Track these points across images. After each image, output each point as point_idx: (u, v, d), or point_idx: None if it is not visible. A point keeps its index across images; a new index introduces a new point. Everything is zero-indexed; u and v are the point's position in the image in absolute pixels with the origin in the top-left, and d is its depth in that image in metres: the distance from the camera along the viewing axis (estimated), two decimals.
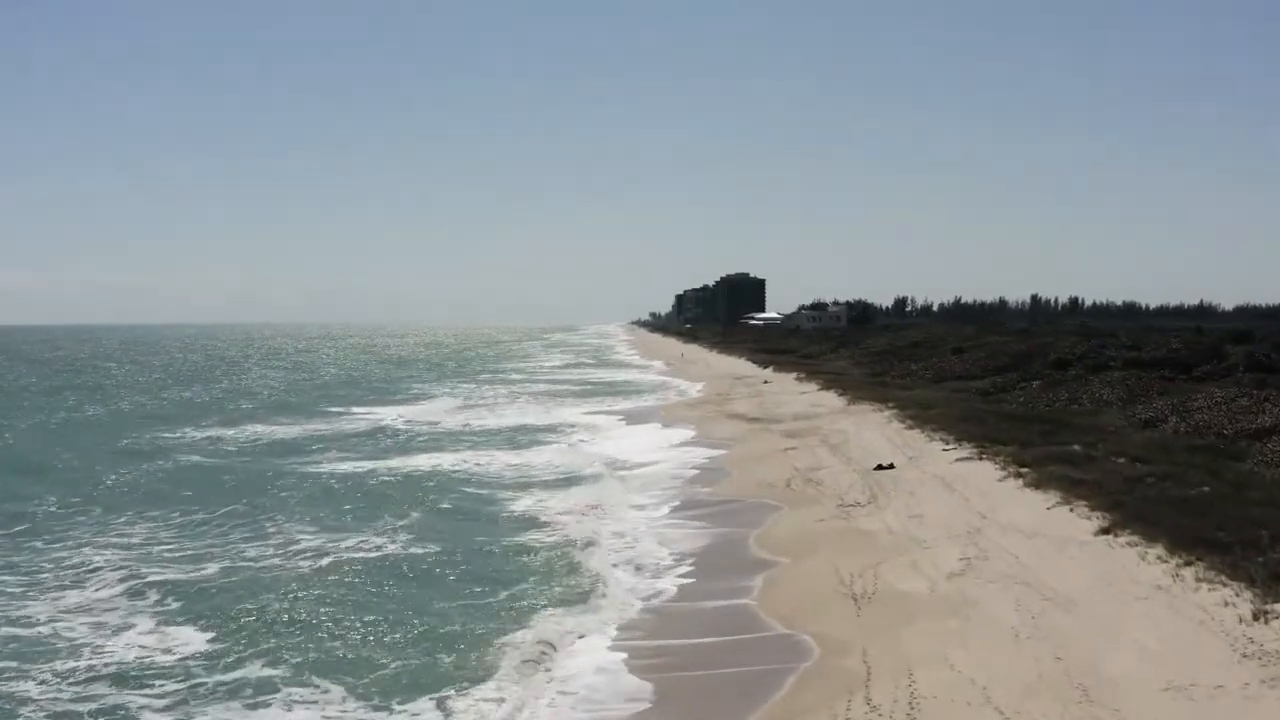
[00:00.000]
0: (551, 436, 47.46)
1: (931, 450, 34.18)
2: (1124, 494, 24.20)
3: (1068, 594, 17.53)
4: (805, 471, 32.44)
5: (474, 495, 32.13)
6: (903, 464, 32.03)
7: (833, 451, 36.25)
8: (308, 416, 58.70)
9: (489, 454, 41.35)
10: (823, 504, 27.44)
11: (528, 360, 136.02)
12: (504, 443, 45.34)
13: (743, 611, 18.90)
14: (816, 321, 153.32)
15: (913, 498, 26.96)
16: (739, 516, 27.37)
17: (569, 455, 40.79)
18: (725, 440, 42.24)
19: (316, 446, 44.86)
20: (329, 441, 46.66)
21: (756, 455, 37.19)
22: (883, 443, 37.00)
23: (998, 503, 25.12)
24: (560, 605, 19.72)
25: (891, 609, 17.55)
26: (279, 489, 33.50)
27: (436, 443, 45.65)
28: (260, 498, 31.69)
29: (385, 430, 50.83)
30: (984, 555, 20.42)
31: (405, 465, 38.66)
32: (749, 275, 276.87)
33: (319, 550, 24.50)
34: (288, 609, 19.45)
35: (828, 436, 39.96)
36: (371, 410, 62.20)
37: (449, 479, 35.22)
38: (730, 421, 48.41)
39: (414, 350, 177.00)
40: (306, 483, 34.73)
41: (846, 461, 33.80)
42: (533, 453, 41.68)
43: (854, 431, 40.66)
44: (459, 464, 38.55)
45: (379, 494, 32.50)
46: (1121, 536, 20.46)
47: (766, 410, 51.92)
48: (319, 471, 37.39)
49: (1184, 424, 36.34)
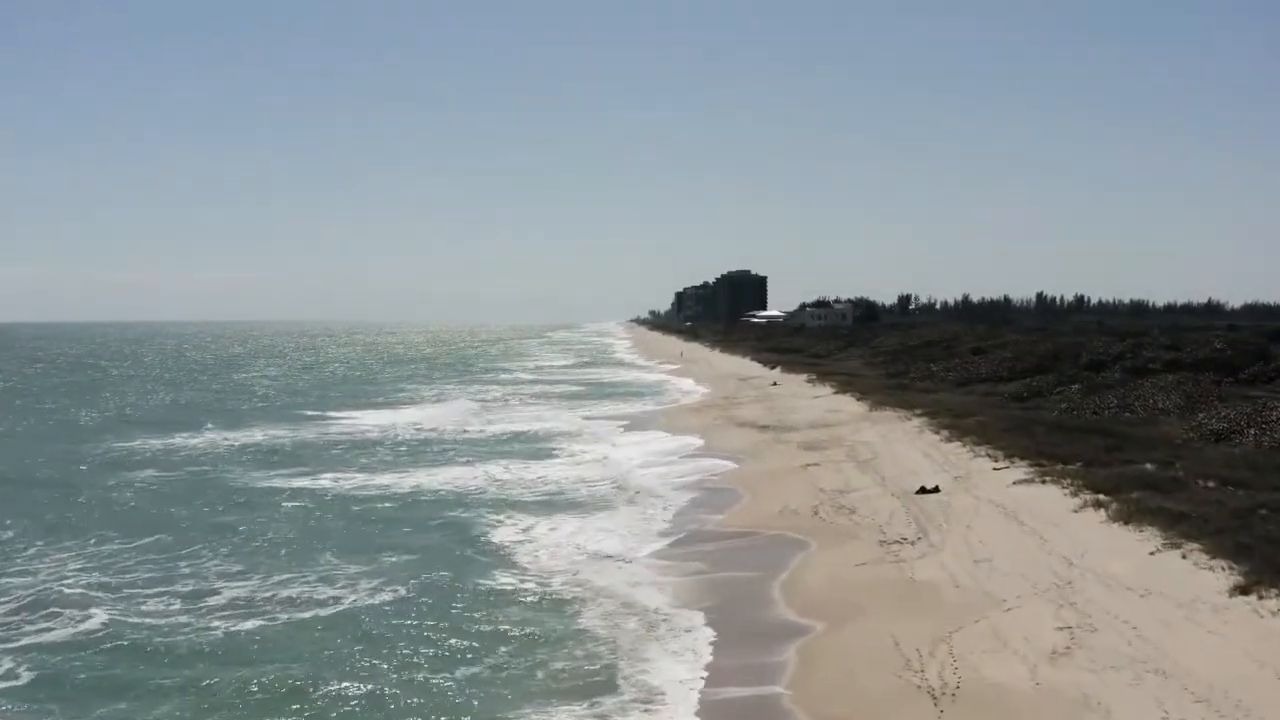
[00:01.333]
0: (549, 447, 42.70)
1: (979, 469, 29.47)
2: (1241, 532, 19.50)
3: (1225, 688, 12.85)
4: (833, 495, 27.72)
5: (453, 526, 27.32)
6: (949, 486, 27.31)
7: (861, 468, 31.53)
8: (291, 422, 53.92)
9: (479, 470, 36.58)
10: (861, 539, 22.74)
11: (526, 359, 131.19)
12: (496, 455, 40.60)
13: (774, 711, 14.17)
14: (822, 319, 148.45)
15: (971, 533, 22.26)
16: (757, 556, 22.67)
17: (565, 470, 36.08)
18: (735, 453, 37.54)
19: (287, 458, 40.14)
20: (303, 452, 41.95)
21: (772, 473, 32.47)
22: (919, 458, 32.30)
23: (1082, 542, 20.40)
24: (538, 699, 15.03)
25: (988, 716, 12.83)
26: (223, 513, 28.83)
27: (421, 455, 40.91)
28: (194, 526, 26.96)
29: (366, 440, 46.08)
30: (1089, 623, 15.70)
31: (380, 484, 33.95)
32: (750, 273, 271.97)
33: (244, 604, 19.78)
34: (170, 699, 14.76)
35: (853, 449, 35.24)
36: (358, 415, 57.44)
37: (428, 503, 30.44)
38: (739, 430, 43.70)
39: (409, 349, 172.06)
40: (259, 506, 30.04)
41: (880, 481, 29.08)
42: (525, 469, 36.92)
43: (882, 444, 35.95)
44: (443, 484, 33.71)
45: (341, 523, 27.80)
46: (1269, 599, 15.74)
47: (779, 417, 47.20)
48: (278, 489, 32.69)
49: (1266, 437, 31.61)
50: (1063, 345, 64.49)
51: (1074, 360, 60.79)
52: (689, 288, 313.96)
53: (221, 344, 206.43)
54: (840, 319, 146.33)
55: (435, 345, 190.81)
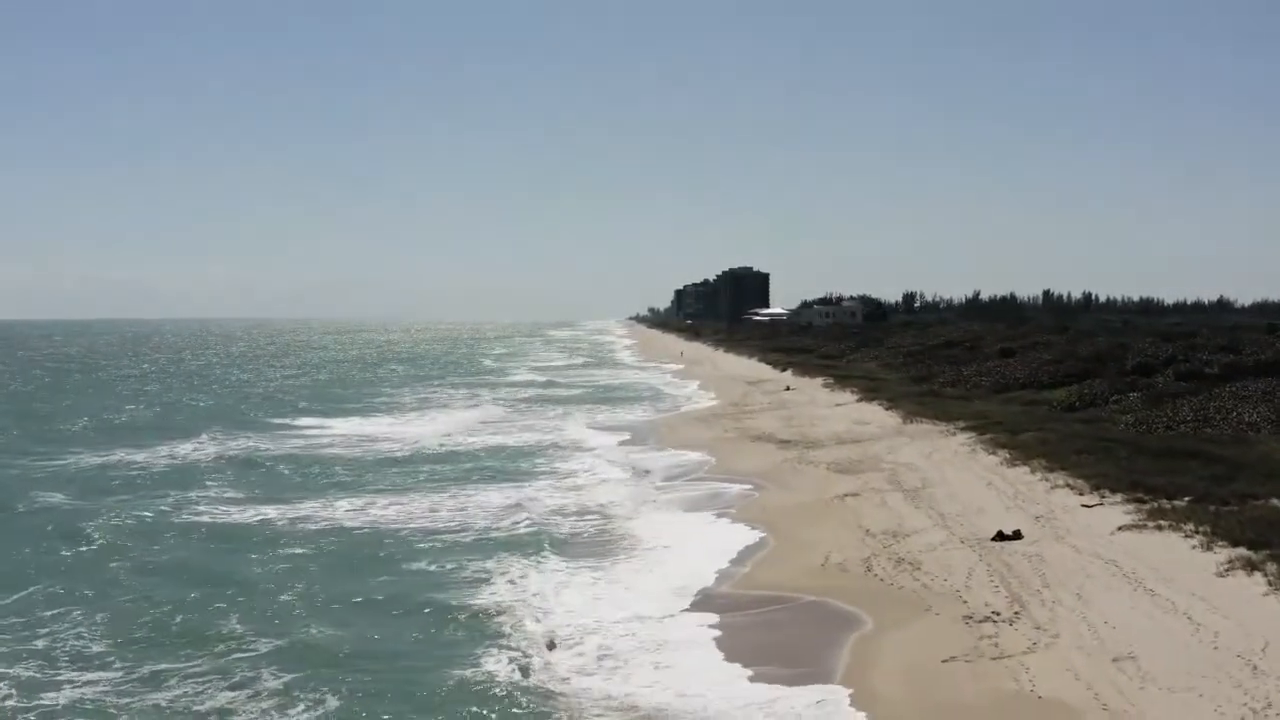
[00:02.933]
0: (532, 468, 37.00)
1: (1063, 504, 23.76)
2: None
3: None
4: (885, 539, 22.00)
5: (407, 582, 21.63)
6: (1032, 530, 21.61)
7: (912, 500, 25.81)
8: (255, 430, 48.26)
9: (444, 498, 30.92)
10: (937, 613, 17.02)
11: (523, 359, 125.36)
12: (472, 475, 34.92)
13: None
14: (829, 317, 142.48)
15: (1088, 606, 16.55)
16: (793, 636, 16.97)
17: (552, 498, 30.40)
18: (753, 476, 31.82)
19: (225, 478, 34.48)
20: (246, 470, 36.31)
21: (803, 506, 26.73)
22: (980, 488, 26.59)
23: (1254, 627, 14.71)
24: None
25: None
26: (113, 558, 23.20)
27: (383, 476, 35.18)
28: (61, 576, 21.30)
29: (325, 456, 40.30)
30: None
31: (320, 514, 28.24)
32: (752, 269, 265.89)
33: (92, 710, 14.10)
34: None
35: (896, 474, 29.51)
36: (329, 424, 51.69)
37: (374, 549, 24.70)
38: (755, 446, 37.96)
39: (407, 349, 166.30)
40: (159, 548, 24.40)
41: (940, 521, 23.35)
42: (503, 492, 31.24)
43: (929, 466, 30.24)
44: (398, 519, 27.99)
45: (263, 570, 22.15)
46: None
47: (799, 429, 41.47)
48: (194, 523, 27.02)
49: None
50: (1104, 347, 58.82)
51: (1118, 363, 55.16)
52: (689, 285, 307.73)
53: (222, 343, 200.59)
54: (849, 317, 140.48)
55: (430, 344, 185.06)
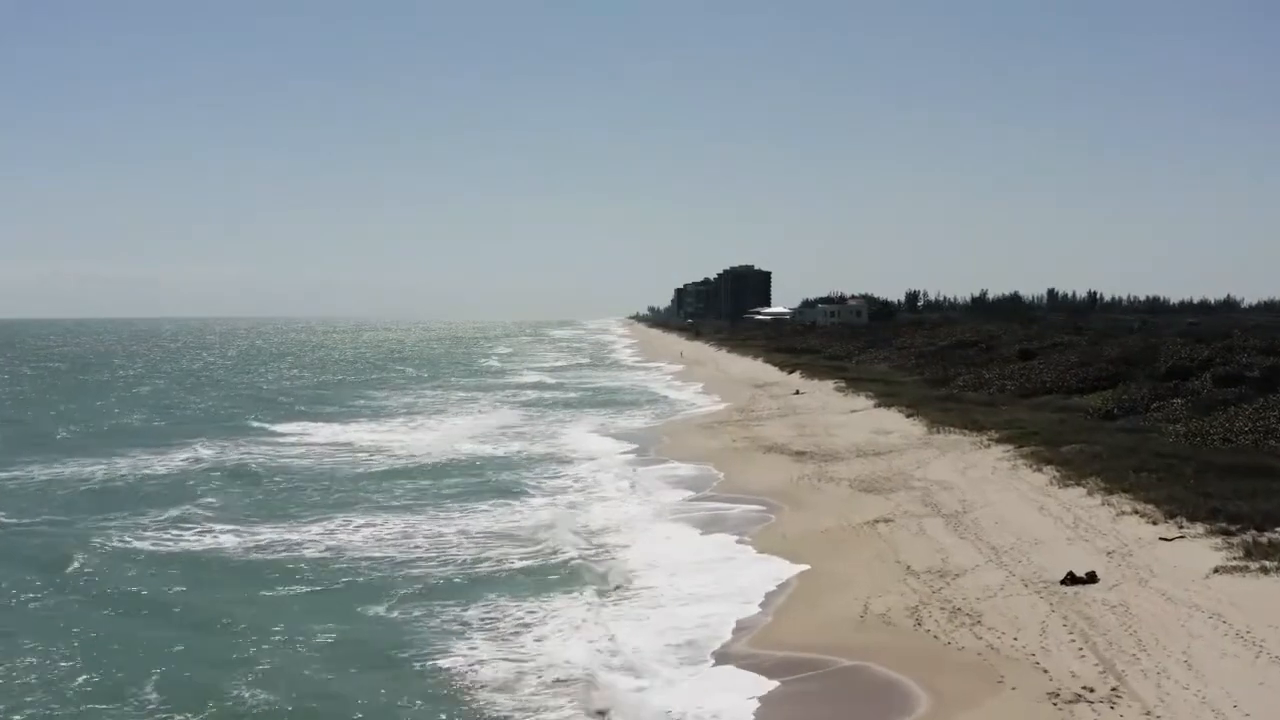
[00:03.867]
0: (528, 481, 33.76)
1: (1134, 535, 20.49)
2: None
3: None
4: (933, 581, 18.73)
5: (343, 641, 18.43)
6: (1106, 569, 18.36)
7: (955, 527, 22.56)
8: (236, 438, 45.02)
9: (427, 519, 27.70)
10: (1011, 688, 13.75)
11: (521, 359, 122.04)
12: (460, 493, 31.68)
13: None
14: (835, 317, 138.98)
15: (1199, 676, 13.31)
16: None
17: (543, 522, 27.18)
18: (766, 494, 28.58)
19: (187, 496, 31.27)
20: (212, 486, 33.09)
21: (828, 534, 23.46)
22: (1031, 512, 23.32)
23: None
24: None
25: None
26: (29, 586, 20.07)
27: (360, 492, 31.96)
28: None
29: (305, 467, 37.03)
30: None
31: (283, 540, 25.05)
32: (754, 268, 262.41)
33: None
34: None
35: (930, 494, 26.25)
36: (315, 429, 48.53)
37: (334, 585, 21.48)
38: (767, 458, 34.71)
39: (402, 348, 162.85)
40: (82, 575, 21.24)
41: (993, 555, 20.10)
42: (491, 514, 28.03)
43: (967, 485, 26.98)
44: (368, 546, 24.81)
45: (184, 613, 18.98)
46: None
47: (815, 439, 38.19)
48: (129, 551, 23.80)
49: None
50: (1134, 349, 55.52)
51: (1149, 366, 51.93)
52: (690, 284, 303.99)
53: (222, 343, 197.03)
54: (854, 316, 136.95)
55: (431, 344, 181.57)
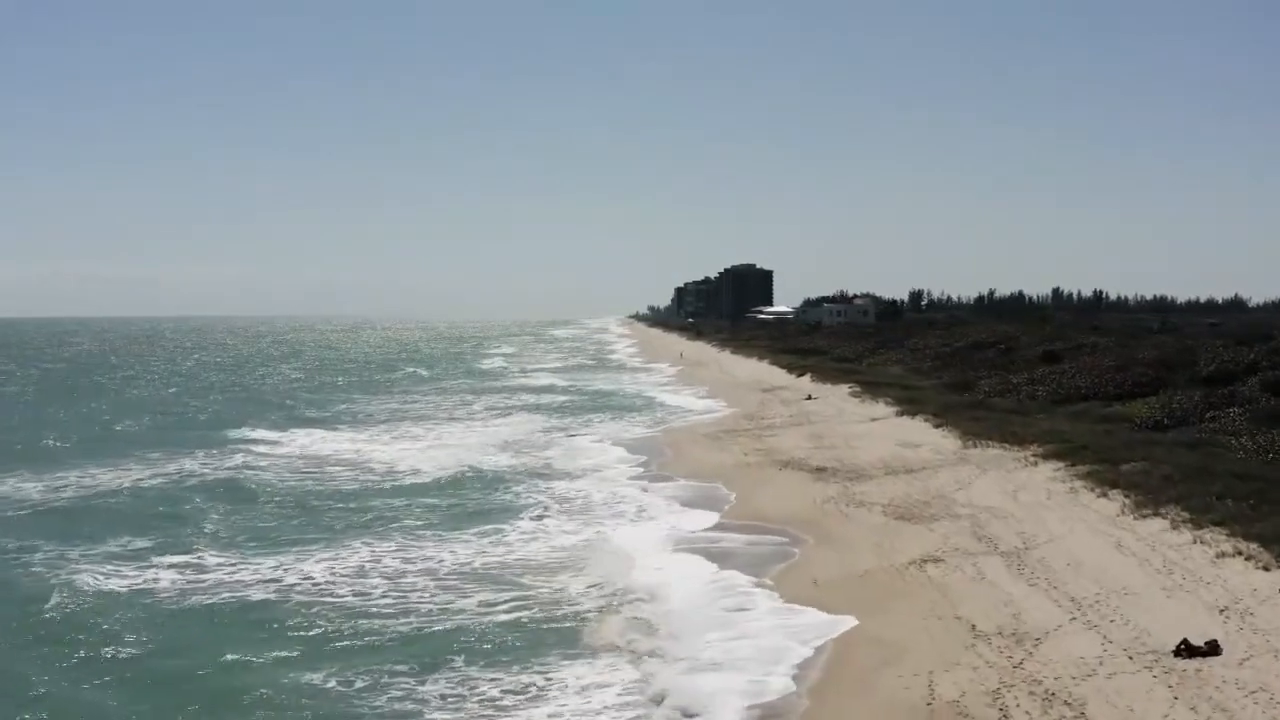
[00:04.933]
0: (515, 503, 30.25)
1: (1245, 584, 16.89)
2: None
3: None
4: (1007, 646, 15.11)
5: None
6: (1223, 631, 14.80)
7: (1020, 569, 18.95)
8: (205, 447, 41.48)
9: (394, 548, 24.16)
10: None
11: (520, 360, 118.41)
12: (438, 516, 28.16)
13: None
14: (841, 316, 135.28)
15: None
16: None
17: (524, 558, 23.62)
18: (787, 522, 24.98)
19: (133, 518, 27.76)
20: (165, 506, 29.66)
21: (867, 577, 19.84)
22: (1105, 548, 19.72)
23: None
24: None
25: None
26: None
27: (325, 514, 28.44)
28: None
29: (274, 484, 33.44)
30: None
31: (228, 577, 21.53)
32: (755, 266, 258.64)
33: None
34: None
35: (979, 522, 22.66)
36: (291, 437, 45.06)
37: (272, 641, 17.95)
38: (784, 475, 31.11)
39: (396, 347, 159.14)
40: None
41: (1074, 608, 16.50)
42: (468, 545, 24.47)
43: (1020, 512, 23.37)
44: (321, 588, 21.26)
45: (95, 668, 15.44)
46: None
47: (834, 452, 34.60)
48: (49, 587, 20.24)
49: None
50: (1170, 351, 51.90)
51: (1188, 370, 48.39)
52: (690, 283, 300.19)
53: (226, 342, 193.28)
54: (861, 316, 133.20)
55: (428, 344, 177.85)
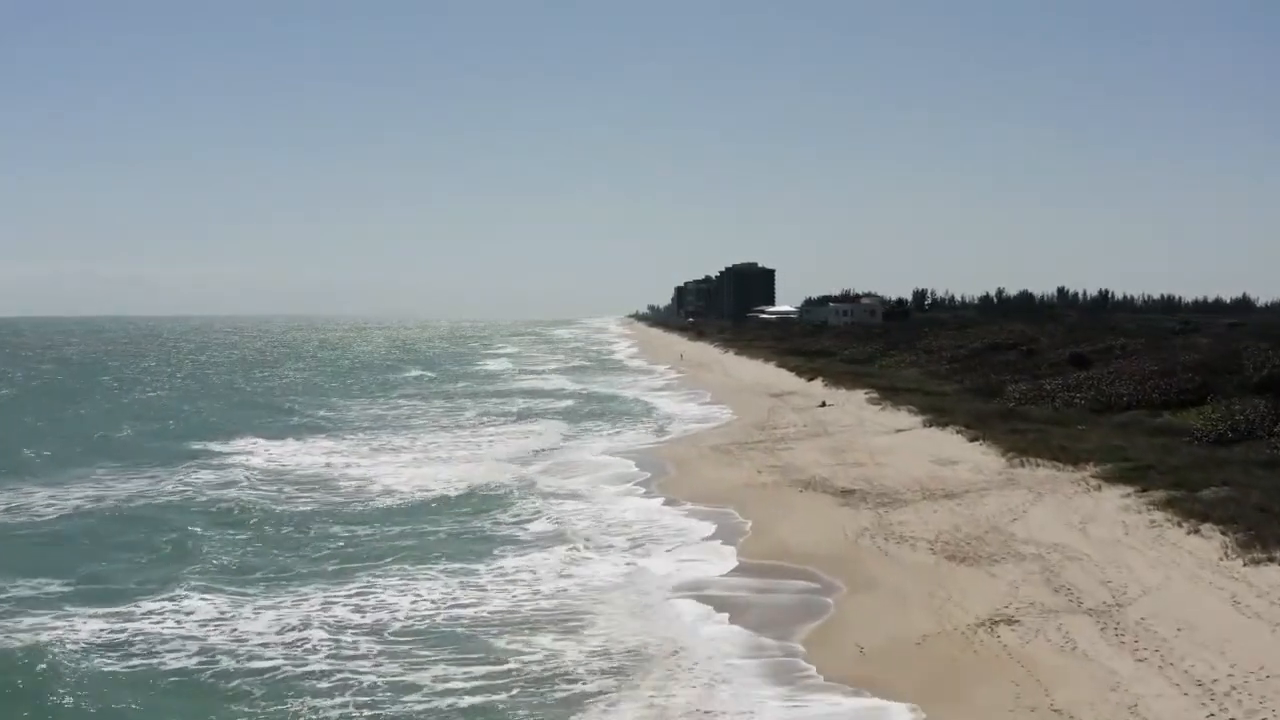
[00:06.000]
0: (494, 532, 26.61)
1: None
2: None
3: None
4: None
5: None
6: None
7: (1116, 635, 15.23)
8: (152, 464, 37.89)
9: (350, 595, 20.48)
10: None
11: (517, 360, 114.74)
12: (403, 549, 24.51)
13: None
14: (847, 316, 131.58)
15: None
16: None
17: (499, 609, 19.94)
18: (814, 560, 21.27)
19: (49, 551, 24.15)
20: (93, 535, 26.08)
21: (925, 645, 16.09)
22: (1219, 605, 15.99)
23: None
24: None
25: None
26: None
27: (275, 545, 24.81)
28: None
29: (200, 503, 29.89)
30: None
31: (149, 628, 17.85)
32: (757, 265, 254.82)
33: None
34: None
35: (1051, 566, 18.91)
36: (262, 449, 41.39)
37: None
38: (805, 500, 27.36)
39: (392, 347, 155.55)
40: None
41: (1208, 699, 12.79)
42: (433, 588, 20.77)
43: (1095, 551, 19.63)
44: (248, 645, 17.61)
45: None
46: None
47: (860, 468, 30.86)
48: None
49: None
50: (1212, 354, 48.19)
51: (1234, 376, 44.73)
52: (690, 282, 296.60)
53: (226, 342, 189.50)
54: (868, 316, 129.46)
55: (426, 344, 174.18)
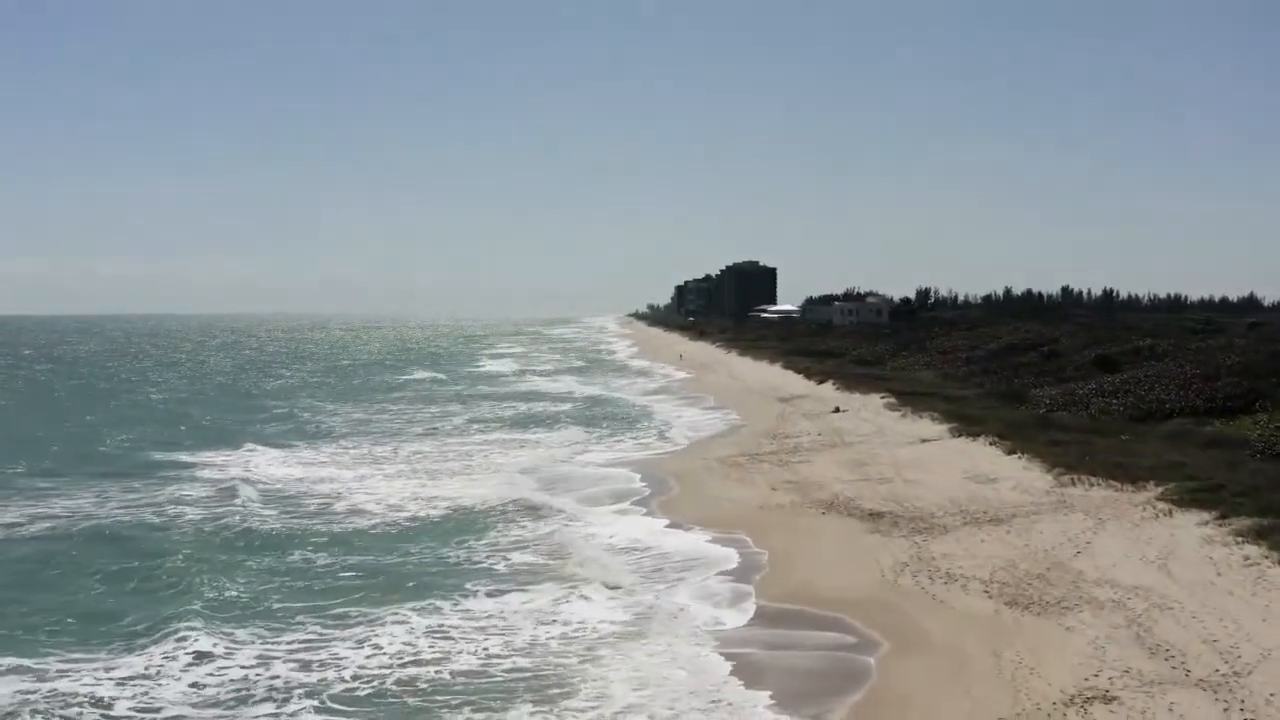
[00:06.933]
0: (469, 566, 23.51)
1: None
2: None
3: None
4: None
5: None
6: None
7: (1239, 715, 12.16)
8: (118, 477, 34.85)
9: (282, 645, 17.36)
10: None
11: (513, 361, 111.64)
12: (359, 588, 21.44)
13: None
14: (853, 315, 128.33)
15: None
16: None
17: (466, 667, 16.81)
18: (845, 606, 18.13)
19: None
20: (9, 565, 22.97)
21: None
22: None
23: None
24: None
25: None
26: None
27: (219, 583, 21.73)
28: None
29: (159, 524, 26.84)
30: None
31: (18, 696, 14.73)
32: (759, 263, 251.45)
33: None
34: None
35: (1137, 615, 15.78)
36: (231, 459, 38.41)
37: None
38: (828, 524, 24.21)
39: (396, 349, 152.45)
40: None
41: None
42: (395, 636, 17.65)
43: (1192, 598, 16.52)
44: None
45: None
46: None
47: (886, 485, 27.69)
48: None
49: None
50: (1255, 357, 44.96)
51: (1276, 377, 41.71)
52: (690, 280, 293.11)
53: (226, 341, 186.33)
54: (874, 315, 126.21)
55: (424, 343, 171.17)
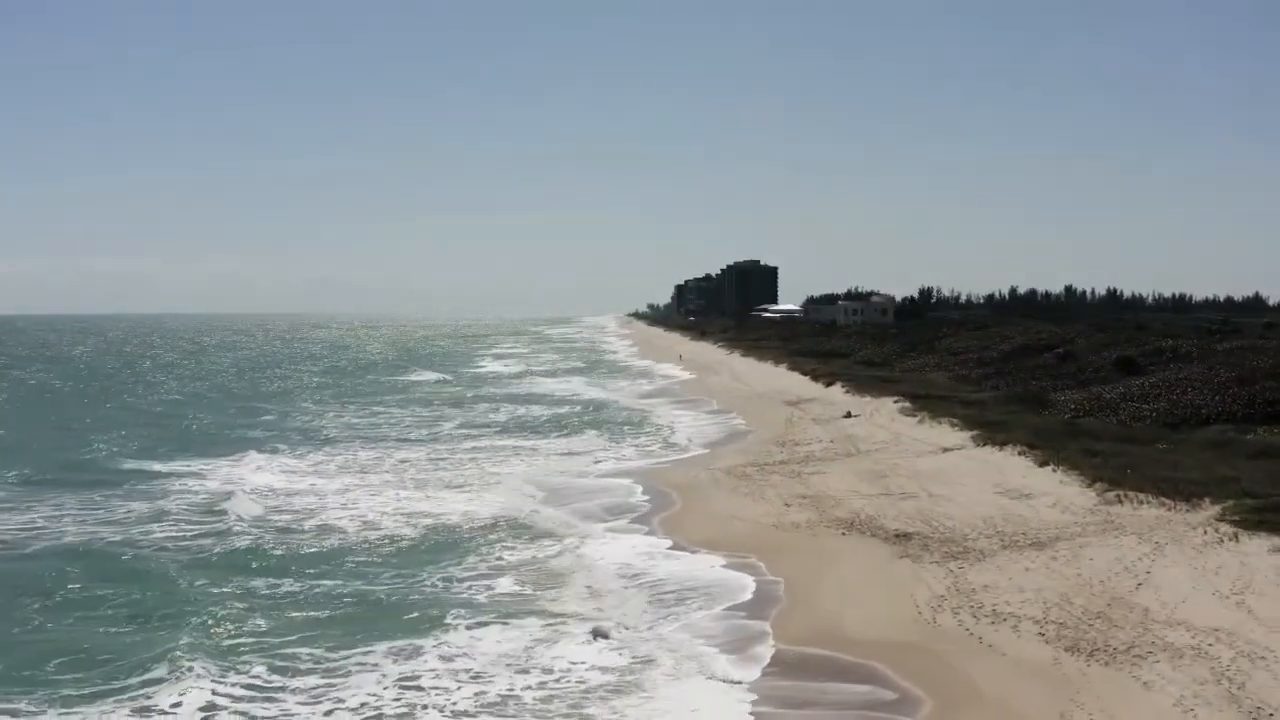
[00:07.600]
0: (448, 596, 21.27)
1: None
2: None
3: None
4: None
5: None
6: None
7: None
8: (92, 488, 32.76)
9: (223, 697, 15.11)
10: None
11: (511, 361, 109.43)
12: (321, 622, 19.19)
13: None
14: (858, 315, 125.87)
15: None
16: None
17: None
18: (877, 655, 15.90)
19: None
20: None
21: None
22: None
23: None
24: None
25: None
26: None
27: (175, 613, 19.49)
28: None
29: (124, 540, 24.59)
30: None
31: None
32: (760, 263, 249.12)
33: None
34: None
35: (1228, 669, 13.53)
36: (209, 468, 36.29)
37: None
38: (849, 547, 21.94)
39: (396, 348, 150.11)
40: None
41: None
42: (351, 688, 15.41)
43: (1274, 643, 14.31)
44: None
45: None
46: None
47: (911, 501, 25.42)
48: None
49: None
50: None
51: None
52: (691, 280, 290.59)
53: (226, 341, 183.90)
54: (879, 315, 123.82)
55: (424, 343, 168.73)
